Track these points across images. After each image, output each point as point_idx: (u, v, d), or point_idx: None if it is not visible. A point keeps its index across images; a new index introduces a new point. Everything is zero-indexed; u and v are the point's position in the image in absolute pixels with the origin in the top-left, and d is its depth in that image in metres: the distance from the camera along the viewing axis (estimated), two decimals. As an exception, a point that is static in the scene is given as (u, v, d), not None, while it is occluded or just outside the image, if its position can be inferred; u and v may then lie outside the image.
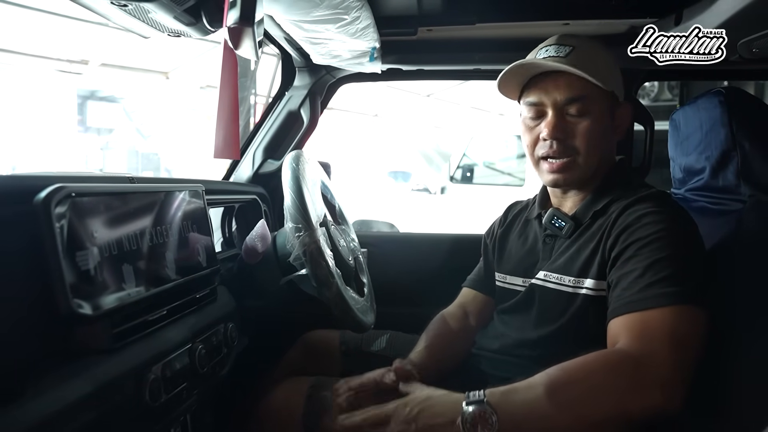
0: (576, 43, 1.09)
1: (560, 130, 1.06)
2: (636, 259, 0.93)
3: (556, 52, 1.08)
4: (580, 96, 1.05)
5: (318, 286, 1.09)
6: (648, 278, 0.89)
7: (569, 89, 1.06)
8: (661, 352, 0.81)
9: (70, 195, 0.71)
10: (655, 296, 0.87)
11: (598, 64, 1.07)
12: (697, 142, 1.19)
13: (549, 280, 1.08)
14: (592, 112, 1.06)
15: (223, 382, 1.08)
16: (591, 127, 1.06)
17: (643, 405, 0.79)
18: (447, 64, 1.71)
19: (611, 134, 1.12)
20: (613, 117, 1.11)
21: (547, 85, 1.08)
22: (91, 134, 9.78)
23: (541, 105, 1.09)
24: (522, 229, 1.25)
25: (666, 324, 0.84)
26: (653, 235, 0.93)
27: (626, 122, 1.14)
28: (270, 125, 1.80)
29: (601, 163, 1.10)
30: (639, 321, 0.86)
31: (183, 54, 6.09)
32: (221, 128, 0.92)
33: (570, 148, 1.07)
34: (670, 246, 0.92)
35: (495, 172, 5.95)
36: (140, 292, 0.83)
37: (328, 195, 1.42)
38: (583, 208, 1.11)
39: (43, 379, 0.65)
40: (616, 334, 0.89)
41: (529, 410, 0.80)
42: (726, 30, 1.12)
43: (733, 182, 1.11)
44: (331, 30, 1.22)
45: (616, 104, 1.11)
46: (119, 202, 0.83)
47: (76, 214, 0.73)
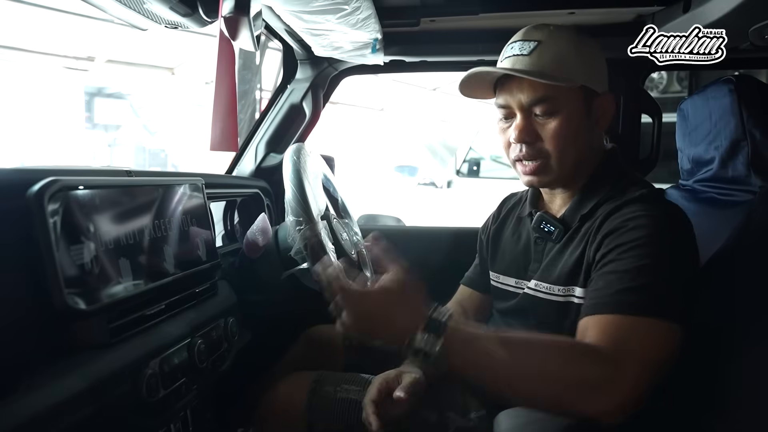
0: (543, 37, 1.02)
1: (527, 134, 1.02)
2: (617, 263, 0.90)
3: (519, 49, 1.03)
4: (545, 96, 1.00)
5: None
6: (626, 282, 0.86)
7: (533, 90, 1.00)
8: (621, 358, 0.78)
9: (64, 188, 0.71)
10: (627, 303, 0.84)
11: (566, 58, 1.01)
12: (706, 132, 1.17)
13: (539, 290, 1.06)
14: (561, 110, 1.00)
15: (225, 377, 1.07)
16: (560, 127, 1.00)
17: (586, 400, 0.76)
18: (450, 55, 1.68)
19: (589, 129, 1.05)
20: (590, 111, 1.04)
21: (511, 86, 1.03)
22: (99, 131, 9.81)
23: (509, 107, 1.05)
24: (515, 226, 1.22)
25: (635, 333, 0.82)
26: (637, 241, 0.90)
27: (609, 113, 1.07)
28: (272, 119, 1.79)
29: (583, 159, 1.05)
30: (608, 323, 0.84)
31: (188, 49, 6.08)
32: (218, 120, 0.91)
33: (540, 151, 1.02)
34: (654, 254, 0.88)
35: (501, 165, 5.91)
36: (138, 287, 0.82)
37: (331, 188, 1.40)
38: (571, 210, 1.07)
39: (37, 375, 0.65)
40: (584, 330, 0.86)
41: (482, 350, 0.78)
42: (736, 16, 1.09)
43: (743, 172, 1.09)
44: (331, 21, 1.20)
45: (592, 97, 1.04)
46: (116, 195, 0.82)
47: (71, 208, 0.72)
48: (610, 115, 1.07)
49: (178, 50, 6.11)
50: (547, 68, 0.99)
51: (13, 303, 0.66)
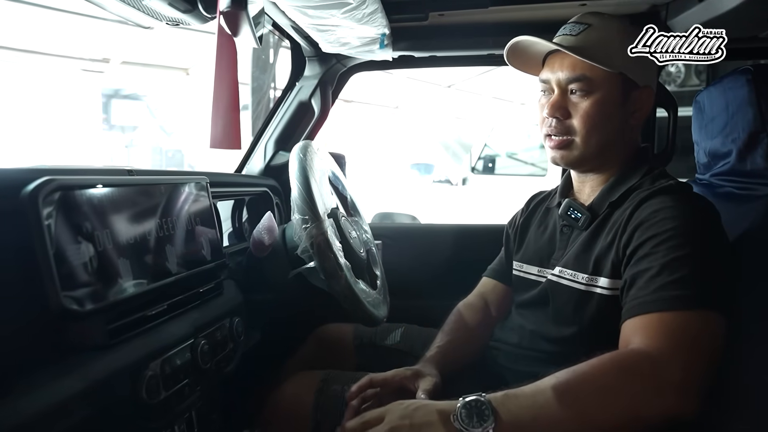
0: (594, 21, 1.07)
1: (558, 109, 1.05)
2: (652, 257, 0.88)
3: (570, 30, 1.08)
4: (582, 76, 1.03)
5: (326, 279, 1.07)
6: (664, 278, 0.85)
7: (571, 68, 1.04)
8: (677, 355, 0.77)
9: (60, 188, 0.70)
10: (672, 298, 0.83)
11: (611, 43, 1.03)
12: (723, 125, 1.13)
13: (564, 276, 1.05)
14: (596, 92, 1.03)
15: (232, 378, 1.06)
16: (592, 108, 1.03)
17: (657, 409, 0.75)
18: (460, 50, 1.66)
19: (622, 119, 1.06)
20: (626, 101, 1.06)
21: (554, 63, 1.08)
22: (116, 132, 9.90)
23: (549, 83, 1.09)
24: (542, 218, 1.23)
25: (682, 327, 0.80)
26: (670, 232, 0.88)
27: (646, 107, 1.08)
28: (281, 116, 1.78)
29: (611, 146, 1.06)
30: (654, 323, 0.82)
31: (202, 50, 6.11)
32: (219, 117, 0.89)
33: (568, 127, 1.05)
34: (688, 244, 0.87)
35: (517, 162, 5.86)
36: (138, 287, 0.81)
37: (339, 186, 1.39)
38: (600, 198, 1.07)
39: (33, 377, 0.64)
40: (629, 335, 0.85)
41: (536, 414, 0.76)
42: (753, 4, 1.06)
43: (761, 165, 1.05)
44: (336, 16, 1.19)
45: (631, 87, 1.05)
46: (116, 195, 0.81)
47: (68, 208, 0.71)
48: (647, 109, 1.09)
49: (192, 51, 6.15)
50: (589, 50, 1.02)
51: (9, 304, 0.65)
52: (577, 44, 1.04)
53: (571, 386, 0.77)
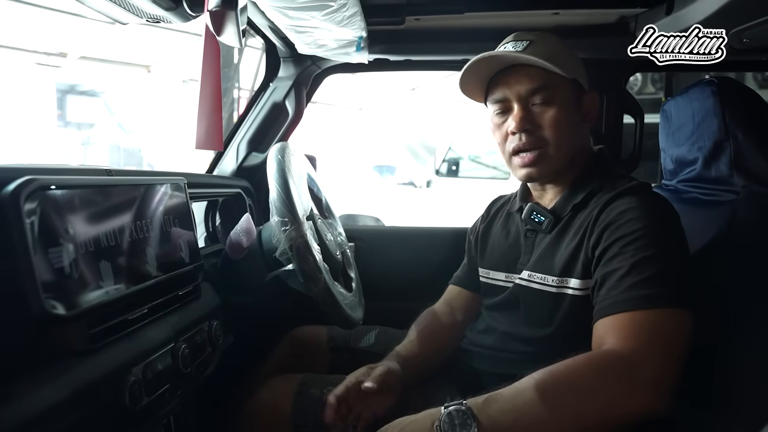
0: (533, 37, 1.09)
1: (527, 122, 1.06)
2: (620, 258, 0.91)
3: (513, 47, 1.09)
4: (542, 85, 1.05)
5: (305, 282, 1.06)
6: (633, 277, 0.88)
7: (531, 80, 1.06)
8: (649, 355, 0.80)
9: (41, 188, 0.67)
10: (642, 297, 0.86)
11: (557, 54, 1.06)
12: (689, 133, 1.18)
13: (533, 280, 1.06)
14: (557, 100, 1.06)
15: (208, 382, 1.05)
16: (558, 116, 1.05)
17: (633, 406, 0.78)
18: (435, 54, 1.67)
19: (580, 123, 1.12)
20: (580, 105, 1.11)
21: (508, 80, 1.08)
22: (72, 129, 9.59)
23: (506, 100, 1.09)
24: (504, 222, 1.24)
25: (653, 326, 0.84)
26: (638, 232, 0.92)
27: (594, 109, 1.13)
28: (254, 117, 1.76)
29: (576, 153, 1.09)
30: (626, 322, 0.85)
31: (165, 47, 5.97)
32: (203, 118, 0.88)
33: (539, 139, 1.06)
34: (655, 243, 0.90)
35: (480, 165, 5.94)
36: (119, 291, 0.79)
37: (315, 188, 1.38)
38: (562, 201, 1.09)
39: (14, 385, 0.61)
40: (602, 335, 0.87)
41: (516, 417, 0.78)
42: (717, 19, 1.10)
43: (726, 173, 1.10)
44: (316, 17, 1.18)
45: (581, 92, 1.11)
46: (96, 195, 0.79)
47: (49, 209, 0.69)
48: (595, 112, 1.14)
49: (154, 48, 5.99)
50: (546, 60, 1.03)
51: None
52: (532, 56, 1.05)
53: (549, 388, 0.80)
